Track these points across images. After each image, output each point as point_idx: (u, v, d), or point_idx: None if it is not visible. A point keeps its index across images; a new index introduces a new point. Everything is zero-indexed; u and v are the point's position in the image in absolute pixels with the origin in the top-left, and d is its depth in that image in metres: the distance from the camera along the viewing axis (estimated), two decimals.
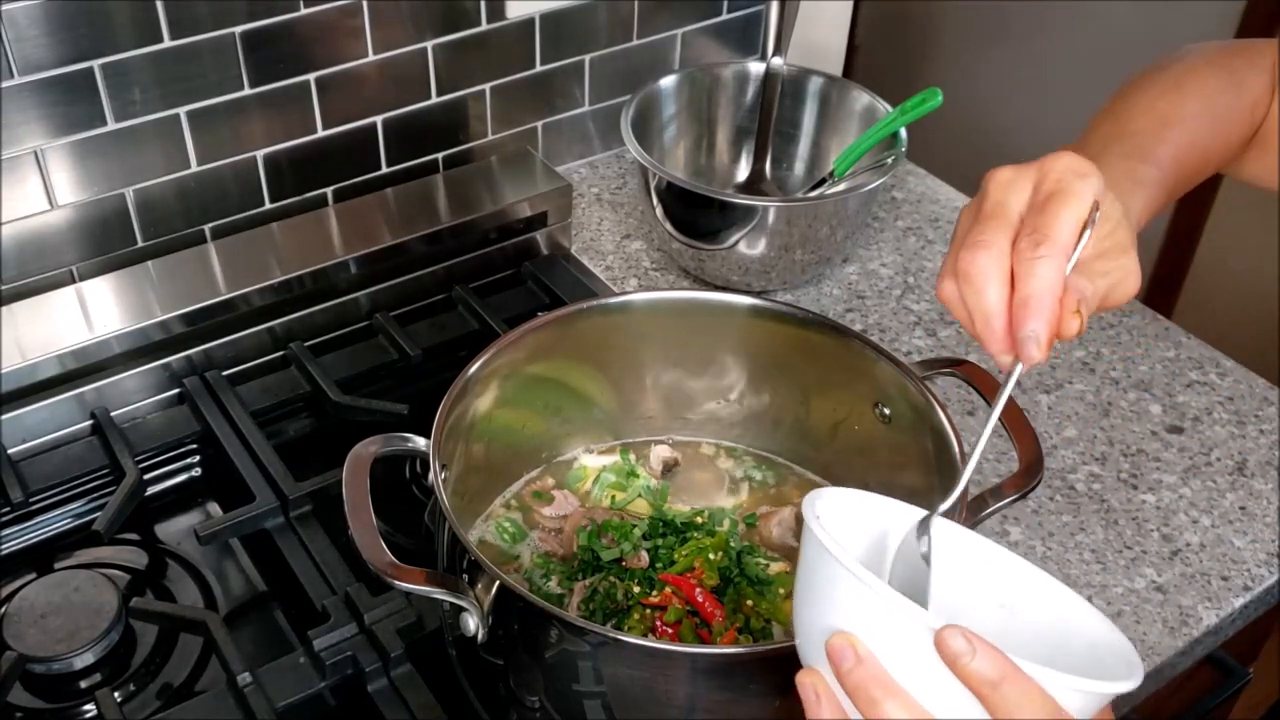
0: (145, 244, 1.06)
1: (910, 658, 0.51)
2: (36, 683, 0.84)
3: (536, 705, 0.71)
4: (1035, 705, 0.49)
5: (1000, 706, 0.49)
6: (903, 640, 0.51)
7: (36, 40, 0.91)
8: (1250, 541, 0.95)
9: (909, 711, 0.51)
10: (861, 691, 0.51)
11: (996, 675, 0.49)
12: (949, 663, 0.49)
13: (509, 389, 0.83)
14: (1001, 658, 0.49)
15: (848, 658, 0.51)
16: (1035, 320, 0.57)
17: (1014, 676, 0.49)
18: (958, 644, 0.49)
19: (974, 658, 0.49)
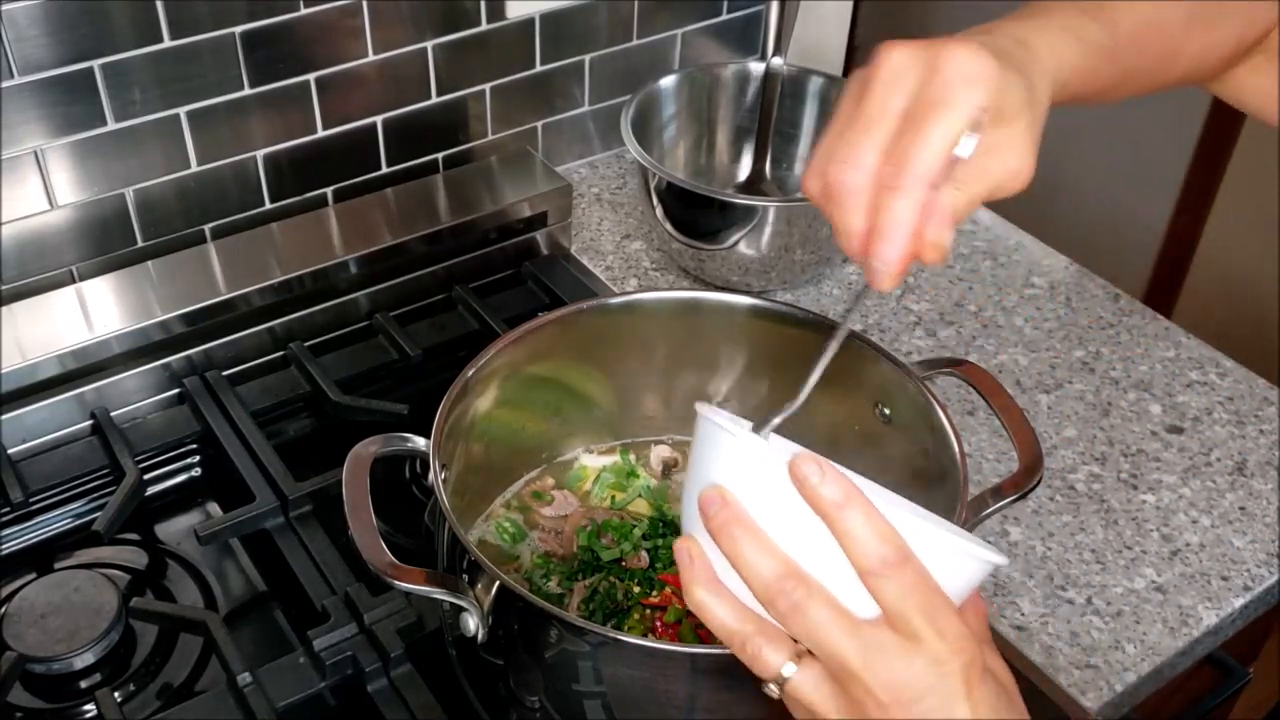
0: (145, 244, 1.06)
1: (771, 498, 0.53)
2: (36, 683, 0.84)
3: (536, 705, 0.71)
4: (878, 532, 0.51)
5: (845, 532, 0.51)
6: (764, 482, 0.53)
7: (36, 40, 0.91)
8: (1250, 541, 0.95)
9: (764, 548, 0.53)
10: (725, 533, 0.53)
11: (843, 498, 0.51)
12: (800, 486, 0.51)
13: (509, 389, 0.83)
14: (849, 484, 0.51)
15: (714, 503, 0.54)
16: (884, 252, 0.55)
17: (860, 502, 0.51)
18: (809, 468, 0.51)
19: (823, 481, 0.51)
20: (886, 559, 0.50)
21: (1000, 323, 1.15)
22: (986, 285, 1.19)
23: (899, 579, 0.51)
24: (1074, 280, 1.21)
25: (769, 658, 0.53)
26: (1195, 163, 2.09)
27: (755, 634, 0.53)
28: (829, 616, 0.52)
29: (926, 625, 0.51)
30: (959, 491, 0.72)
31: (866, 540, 0.51)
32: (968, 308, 1.17)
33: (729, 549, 0.53)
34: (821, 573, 0.52)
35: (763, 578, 0.52)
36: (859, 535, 0.51)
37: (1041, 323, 1.15)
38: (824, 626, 0.52)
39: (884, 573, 0.51)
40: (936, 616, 0.51)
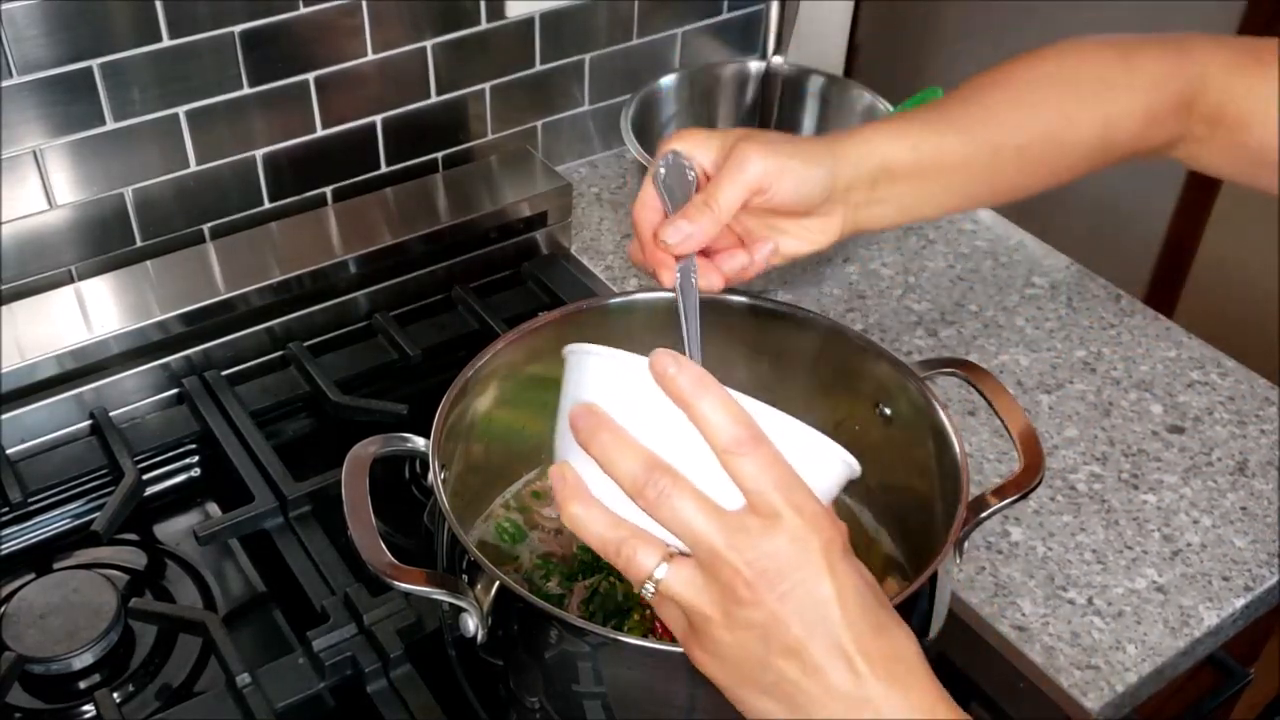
0: (144, 244, 1.05)
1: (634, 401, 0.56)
2: (35, 683, 0.84)
3: (536, 706, 0.71)
4: (731, 414, 0.54)
5: (701, 416, 0.54)
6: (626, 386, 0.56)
7: (35, 40, 0.91)
8: (1251, 542, 0.95)
9: (631, 447, 0.55)
10: (593, 439, 0.56)
11: (698, 384, 0.54)
12: (659, 379, 0.55)
13: (509, 389, 0.83)
14: (703, 373, 0.54)
15: (582, 415, 0.57)
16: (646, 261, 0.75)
17: (714, 388, 0.54)
18: (664, 360, 0.54)
19: (679, 373, 0.54)
20: (740, 438, 0.53)
21: (1001, 323, 1.15)
22: (987, 285, 1.19)
23: (754, 456, 0.53)
24: (1075, 280, 1.20)
25: (642, 560, 0.55)
26: None
27: (629, 537, 0.56)
28: (694, 504, 0.54)
29: (784, 502, 0.53)
30: (960, 491, 0.72)
31: (720, 422, 0.54)
32: (969, 307, 1.16)
33: (598, 453, 0.56)
34: (689, 467, 0.55)
35: (630, 473, 0.55)
36: (713, 418, 0.54)
37: (1042, 322, 1.15)
38: (689, 513, 0.54)
39: (738, 450, 0.53)
40: (793, 494, 0.54)
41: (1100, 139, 0.80)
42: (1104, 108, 0.79)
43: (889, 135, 0.77)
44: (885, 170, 0.76)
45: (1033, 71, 0.81)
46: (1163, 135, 0.81)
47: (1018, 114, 0.79)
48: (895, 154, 0.77)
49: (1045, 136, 0.80)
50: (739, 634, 0.54)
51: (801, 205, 0.74)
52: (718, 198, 0.72)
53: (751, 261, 0.76)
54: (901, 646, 0.55)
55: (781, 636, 0.53)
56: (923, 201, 0.80)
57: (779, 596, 0.53)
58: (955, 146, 0.78)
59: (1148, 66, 0.80)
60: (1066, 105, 0.80)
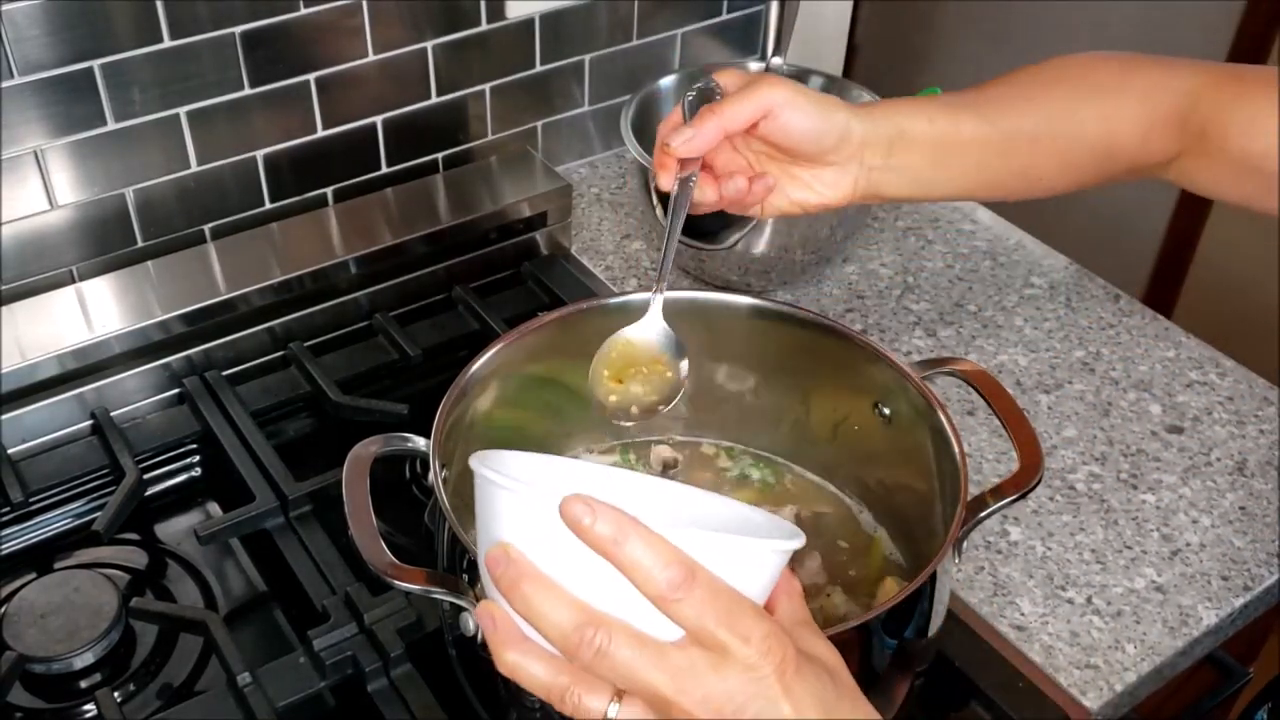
0: (145, 244, 1.06)
1: (552, 543, 0.52)
2: (36, 683, 0.84)
3: (536, 705, 0.71)
4: (660, 556, 0.50)
5: (629, 564, 0.50)
6: (540, 528, 0.52)
7: (36, 40, 0.91)
8: (1250, 541, 0.95)
9: (556, 599, 0.52)
10: (515, 592, 0.53)
11: (617, 532, 0.50)
12: (575, 530, 0.51)
13: (509, 389, 0.83)
14: (621, 516, 0.50)
15: (500, 562, 0.53)
16: None
17: (635, 531, 0.50)
18: (577, 509, 0.50)
19: (595, 520, 0.50)
20: (673, 582, 0.50)
21: (1000, 323, 1.15)
22: (986, 285, 1.19)
23: (691, 598, 0.51)
24: (1074, 280, 1.21)
25: (591, 704, 0.53)
26: None
27: (571, 684, 0.53)
28: (634, 653, 0.52)
29: (730, 635, 0.51)
30: (959, 492, 0.72)
31: (650, 568, 0.50)
32: (968, 308, 1.17)
33: (521, 608, 0.53)
34: (618, 607, 0.52)
35: (561, 630, 0.52)
36: (642, 565, 0.50)
37: (1041, 323, 1.15)
38: (631, 664, 0.52)
39: (674, 595, 0.50)
40: (737, 624, 0.51)
41: (1103, 140, 0.82)
42: (1105, 109, 0.82)
43: (908, 108, 0.81)
44: (902, 136, 0.80)
45: (1039, 74, 0.84)
46: (1161, 149, 0.82)
47: (1027, 105, 0.83)
48: (913, 124, 0.80)
49: (1052, 129, 0.82)
50: None
51: (811, 144, 0.78)
52: (725, 108, 0.75)
53: (750, 189, 0.79)
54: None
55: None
56: (937, 177, 0.82)
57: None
58: (971, 126, 0.81)
59: (1141, 78, 0.83)
60: (1071, 102, 0.83)
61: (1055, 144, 0.83)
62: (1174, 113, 0.81)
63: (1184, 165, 0.83)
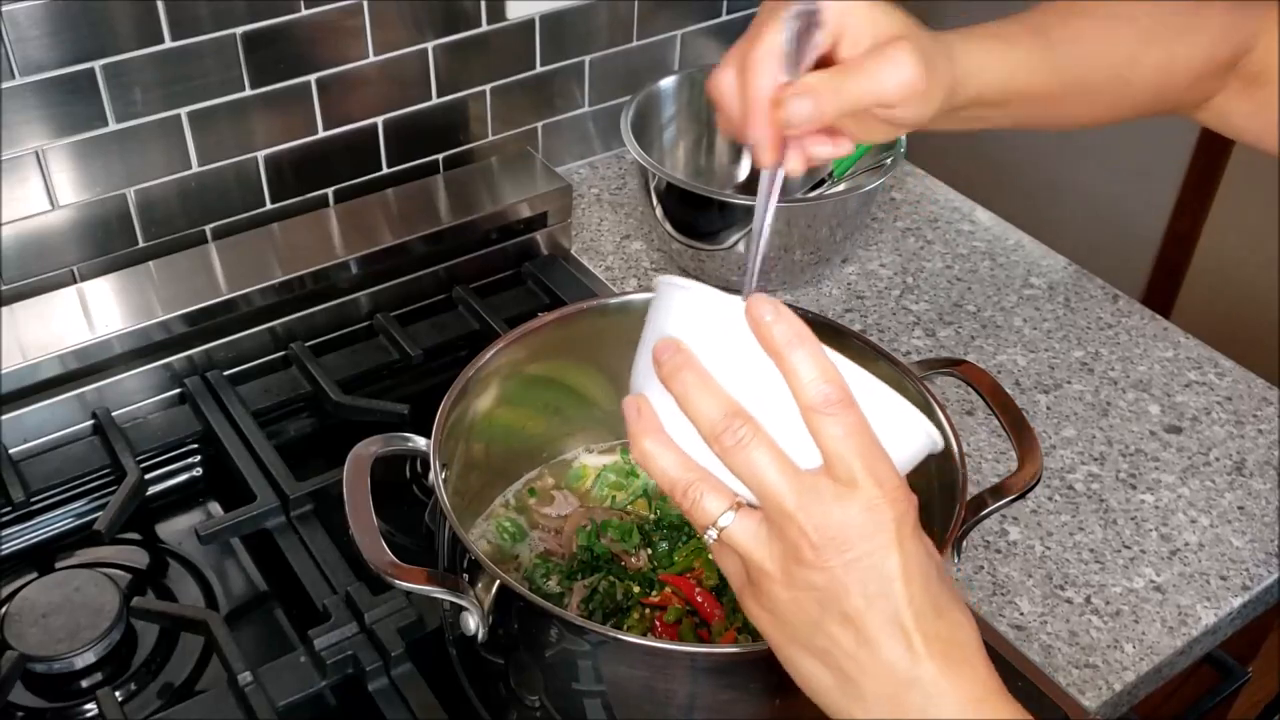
0: (146, 244, 1.06)
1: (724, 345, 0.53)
2: (37, 682, 0.84)
3: (536, 705, 0.71)
4: (825, 372, 0.51)
5: (791, 370, 0.51)
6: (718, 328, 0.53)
7: (38, 40, 0.91)
8: (1249, 541, 0.95)
9: (713, 391, 0.53)
10: (676, 377, 0.53)
11: (793, 336, 0.51)
12: (754, 325, 0.52)
13: (509, 389, 0.83)
14: (800, 325, 0.52)
15: (668, 349, 0.54)
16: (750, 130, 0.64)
17: (810, 342, 0.51)
18: (764, 307, 0.52)
19: (776, 320, 0.51)
20: (830, 397, 0.51)
21: (999, 323, 1.15)
22: (985, 285, 1.20)
23: (841, 420, 0.51)
24: (1073, 280, 1.21)
25: (709, 505, 0.54)
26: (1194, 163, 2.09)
27: (698, 481, 0.54)
28: (770, 458, 0.52)
29: (864, 471, 0.51)
30: (958, 491, 0.72)
31: (811, 378, 0.51)
32: (967, 308, 1.17)
33: (679, 391, 0.53)
34: (769, 420, 0.53)
35: (710, 416, 0.53)
36: (804, 373, 0.51)
37: (1040, 323, 1.15)
38: (765, 467, 0.52)
39: (826, 411, 0.51)
40: (875, 464, 0.52)
41: (1156, 85, 0.78)
42: (1170, 54, 0.78)
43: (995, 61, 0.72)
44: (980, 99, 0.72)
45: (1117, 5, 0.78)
46: (1205, 91, 0.80)
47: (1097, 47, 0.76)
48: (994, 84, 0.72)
49: (1113, 74, 0.77)
50: (797, 594, 0.53)
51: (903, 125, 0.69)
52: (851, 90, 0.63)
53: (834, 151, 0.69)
54: (961, 631, 0.54)
55: (840, 603, 0.52)
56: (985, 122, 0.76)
57: (844, 564, 0.52)
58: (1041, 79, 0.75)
59: (1215, 19, 0.79)
60: (1139, 46, 0.77)
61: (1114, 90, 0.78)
62: (1232, 55, 0.78)
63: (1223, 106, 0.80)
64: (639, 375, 0.57)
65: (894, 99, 0.64)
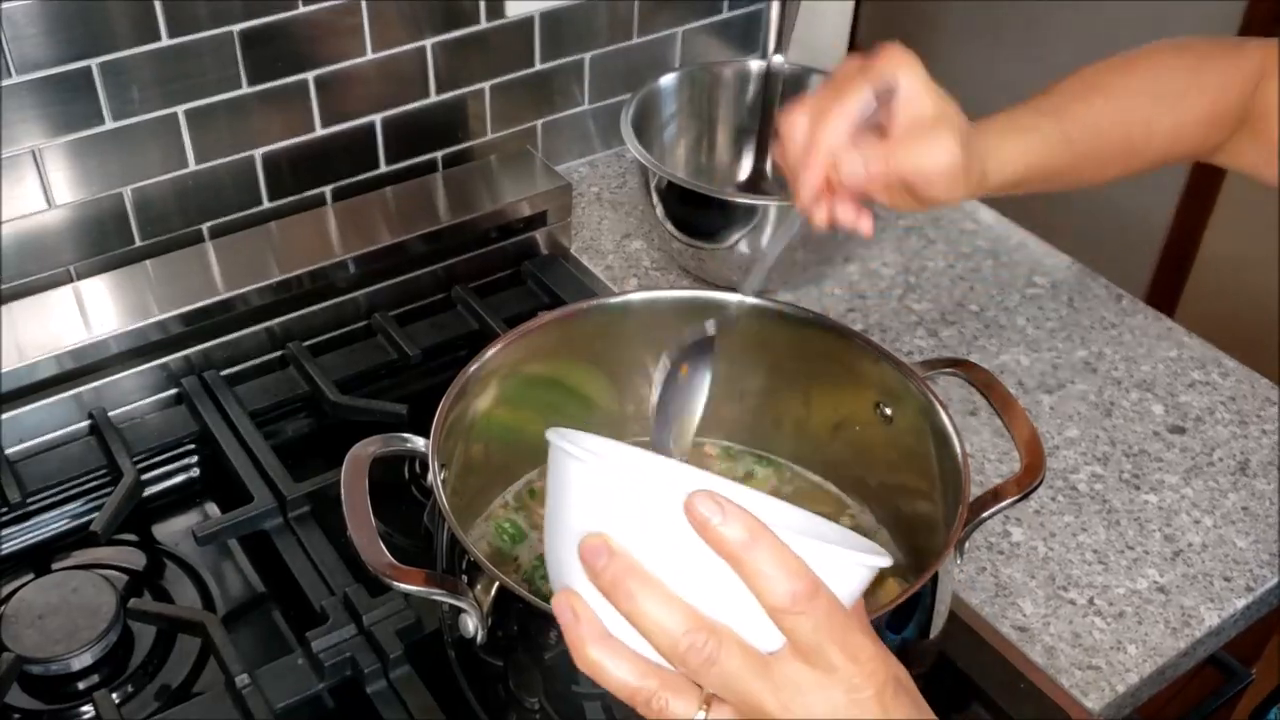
0: (143, 243, 1.05)
1: (662, 540, 0.49)
2: (34, 684, 0.84)
3: (536, 706, 0.71)
4: (788, 567, 0.48)
5: (753, 573, 0.48)
6: (653, 522, 0.49)
7: (34, 39, 0.91)
8: (1253, 542, 0.94)
9: (664, 601, 0.49)
10: (618, 587, 0.49)
11: (747, 537, 0.48)
12: (699, 528, 0.48)
13: (509, 389, 0.83)
14: (752, 520, 0.48)
15: (600, 554, 0.50)
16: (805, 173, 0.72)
17: (765, 538, 0.48)
18: (707, 507, 0.48)
19: (725, 521, 0.48)
20: (798, 595, 0.48)
21: (1002, 322, 1.15)
22: (988, 285, 1.19)
23: (812, 613, 0.49)
24: (1076, 280, 1.20)
25: (677, 710, 0.51)
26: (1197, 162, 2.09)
27: (660, 688, 0.51)
28: (742, 664, 0.50)
29: (840, 655, 0.50)
30: (961, 492, 0.72)
31: (777, 578, 0.48)
32: (969, 307, 1.16)
33: (626, 606, 0.50)
34: (722, 611, 0.49)
35: (670, 634, 0.49)
36: (769, 574, 0.48)
37: (1043, 322, 1.15)
38: (739, 675, 0.50)
39: (797, 609, 0.48)
40: (848, 643, 0.50)
41: (1168, 148, 0.83)
42: (1176, 115, 0.82)
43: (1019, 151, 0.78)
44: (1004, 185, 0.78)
45: (1122, 81, 0.83)
46: (1218, 137, 0.83)
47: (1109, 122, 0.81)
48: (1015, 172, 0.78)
49: (1125, 144, 0.82)
50: None
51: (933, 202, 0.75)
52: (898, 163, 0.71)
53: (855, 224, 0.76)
54: None
55: None
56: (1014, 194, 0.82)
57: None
58: (1060, 158, 0.80)
59: (1213, 76, 0.82)
60: (1149, 115, 0.82)
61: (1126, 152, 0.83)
62: (1239, 102, 0.81)
63: (1235, 147, 0.83)
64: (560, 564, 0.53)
65: (933, 177, 0.72)
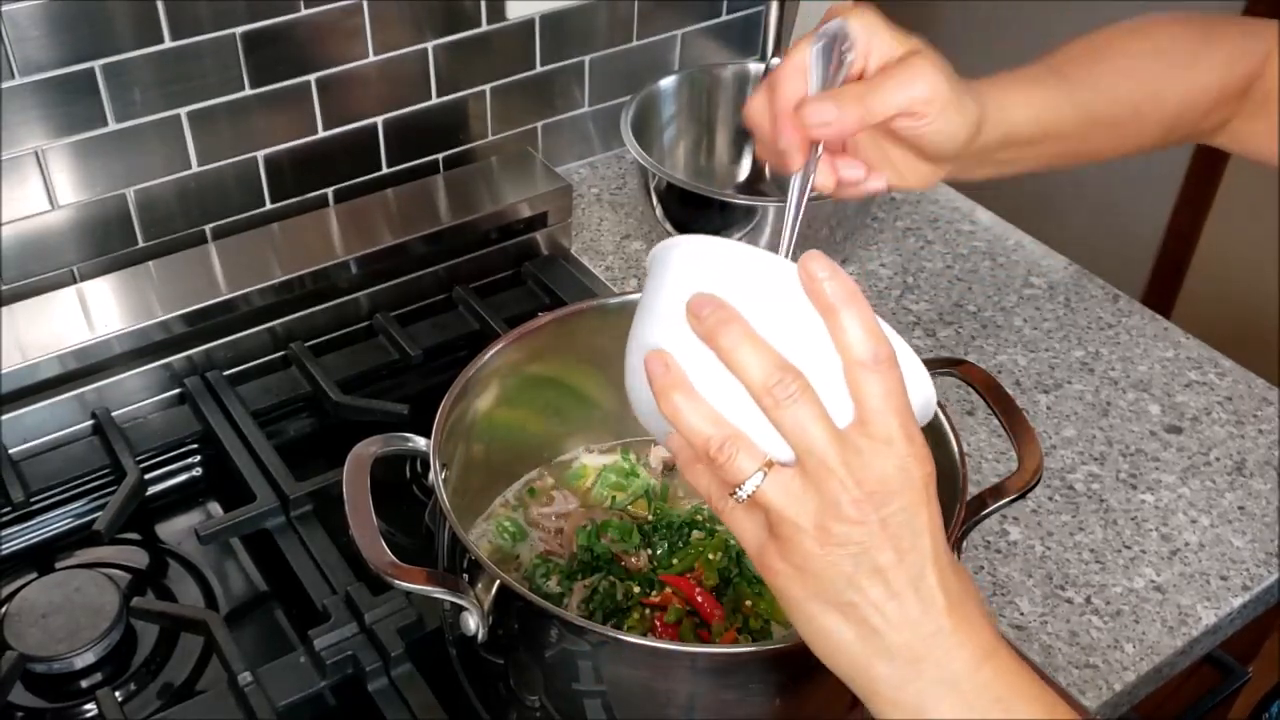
0: (146, 244, 1.06)
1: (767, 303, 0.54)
2: (37, 682, 0.84)
3: (537, 705, 0.71)
4: (874, 332, 0.52)
5: (844, 327, 0.52)
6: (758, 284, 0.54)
7: (37, 41, 0.91)
8: (1249, 541, 0.95)
9: (760, 345, 0.53)
10: (723, 332, 0.53)
11: (847, 296, 0.52)
12: (807, 281, 0.53)
13: (509, 389, 0.83)
14: (854, 286, 0.53)
15: (707, 304, 0.54)
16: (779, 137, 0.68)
17: (861, 302, 0.53)
18: (819, 264, 0.53)
19: (830, 279, 0.53)
20: (878, 356, 0.52)
21: (999, 323, 1.15)
22: (985, 285, 1.20)
23: (884, 378, 0.52)
24: (1073, 280, 1.21)
25: (742, 463, 0.54)
26: (1194, 163, 2.09)
27: (733, 437, 0.54)
28: (815, 414, 0.53)
29: (899, 430, 0.53)
30: (958, 491, 0.72)
31: (861, 335, 0.52)
32: (967, 308, 1.17)
33: (727, 344, 0.53)
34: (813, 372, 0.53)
35: (762, 369, 0.53)
36: (853, 330, 0.52)
37: (1040, 323, 1.15)
38: (810, 421, 0.52)
39: (873, 368, 0.52)
40: (908, 424, 0.53)
41: (1176, 114, 0.81)
42: (1186, 84, 0.80)
43: (1021, 98, 0.75)
44: (1010, 138, 0.75)
45: (1131, 44, 0.81)
46: (1222, 115, 0.82)
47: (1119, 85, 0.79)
48: (1022, 121, 0.75)
49: (1134, 109, 0.80)
50: (830, 549, 0.53)
51: (939, 152, 0.72)
52: (876, 99, 0.67)
53: (864, 180, 0.73)
54: (969, 589, 0.56)
55: (875, 558, 0.53)
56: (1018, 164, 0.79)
57: (881, 519, 0.53)
58: (1068, 116, 0.78)
59: (1223, 47, 0.81)
60: (1157, 80, 0.80)
61: (1136, 122, 0.80)
62: (1245, 79, 0.80)
63: (1238, 128, 0.82)
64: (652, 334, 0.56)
65: (917, 106, 0.68)
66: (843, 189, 0.74)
